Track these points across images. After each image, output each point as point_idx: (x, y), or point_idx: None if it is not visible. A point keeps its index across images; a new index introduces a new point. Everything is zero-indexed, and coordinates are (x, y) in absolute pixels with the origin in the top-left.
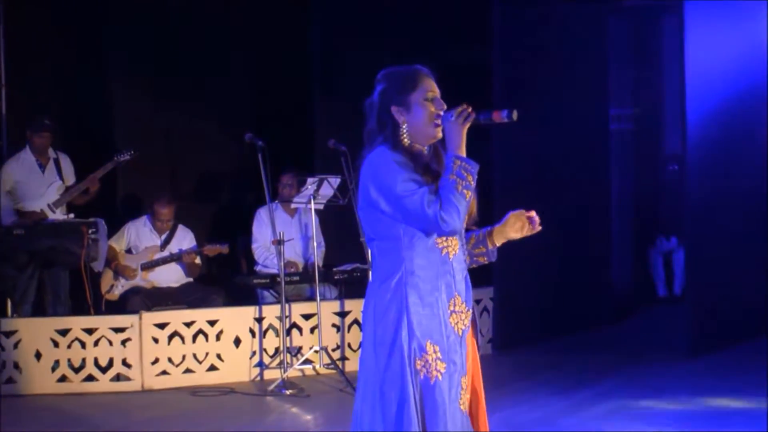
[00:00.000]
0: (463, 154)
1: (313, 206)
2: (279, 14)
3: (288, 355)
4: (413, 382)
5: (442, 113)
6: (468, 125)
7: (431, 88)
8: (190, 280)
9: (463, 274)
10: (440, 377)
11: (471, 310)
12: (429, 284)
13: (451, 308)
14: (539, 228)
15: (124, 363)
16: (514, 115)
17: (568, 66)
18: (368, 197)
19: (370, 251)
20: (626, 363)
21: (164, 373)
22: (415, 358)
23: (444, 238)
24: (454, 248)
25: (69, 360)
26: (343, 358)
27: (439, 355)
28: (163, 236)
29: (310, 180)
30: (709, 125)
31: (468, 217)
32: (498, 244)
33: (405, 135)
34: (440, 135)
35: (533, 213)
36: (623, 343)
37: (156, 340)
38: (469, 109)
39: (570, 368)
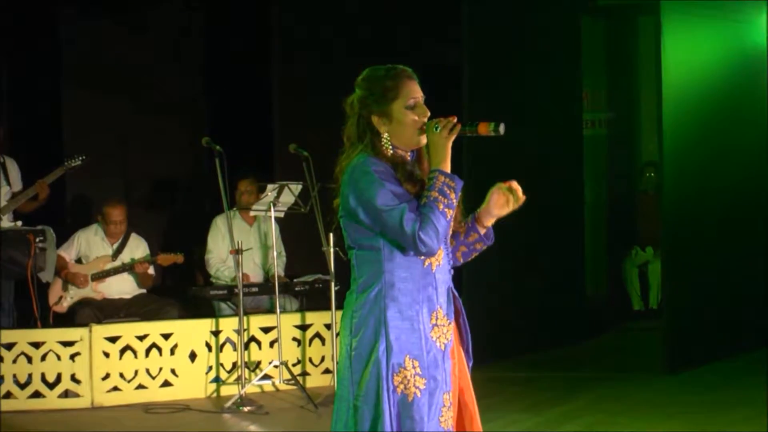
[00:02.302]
0: (448, 169)
1: (273, 214)
2: (236, 11)
3: (246, 371)
4: (389, 399)
5: (426, 120)
6: (453, 138)
7: (414, 93)
8: (143, 291)
9: (447, 285)
10: (419, 394)
11: (454, 323)
12: (409, 297)
13: (433, 322)
14: (523, 198)
15: (73, 379)
16: (501, 128)
17: (540, 67)
18: (348, 206)
19: (333, 259)
20: (600, 379)
21: (115, 389)
22: (392, 374)
23: None
24: (438, 259)
25: (14, 375)
26: (304, 374)
27: (418, 370)
28: (115, 245)
29: (270, 187)
30: (687, 130)
31: (454, 221)
32: (488, 225)
33: (387, 144)
34: (425, 141)
35: (513, 183)
36: (596, 358)
37: (107, 355)
38: (454, 120)
39: (542, 384)
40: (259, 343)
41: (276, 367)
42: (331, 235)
